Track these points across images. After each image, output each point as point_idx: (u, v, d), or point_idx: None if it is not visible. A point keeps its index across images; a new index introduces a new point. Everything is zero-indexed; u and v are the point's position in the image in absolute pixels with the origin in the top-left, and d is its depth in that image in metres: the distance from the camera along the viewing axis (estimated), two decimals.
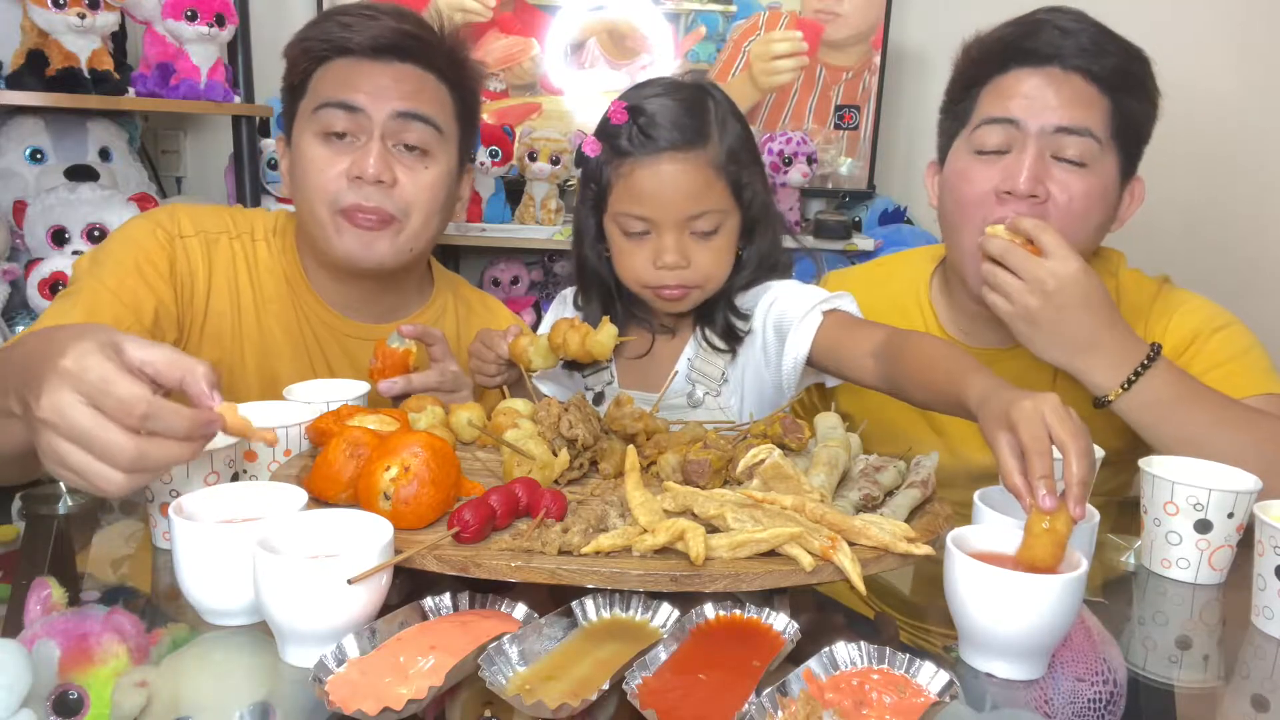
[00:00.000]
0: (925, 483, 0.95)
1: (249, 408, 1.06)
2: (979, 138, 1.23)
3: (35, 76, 2.12)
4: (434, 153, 1.28)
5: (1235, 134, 2.91)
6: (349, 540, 0.78)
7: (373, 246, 1.26)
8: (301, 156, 1.26)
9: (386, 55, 1.25)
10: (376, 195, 1.24)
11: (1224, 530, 0.97)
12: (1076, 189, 1.19)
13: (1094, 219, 1.22)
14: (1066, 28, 1.20)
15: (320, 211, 1.25)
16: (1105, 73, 1.19)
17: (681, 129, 1.22)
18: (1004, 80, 1.23)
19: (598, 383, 1.39)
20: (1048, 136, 1.19)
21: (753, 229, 1.30)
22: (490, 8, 2.88)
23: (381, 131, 1.24)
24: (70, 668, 0.66)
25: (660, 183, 1.22)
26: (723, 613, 0.77)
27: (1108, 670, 0.81)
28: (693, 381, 1.34)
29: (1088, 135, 1.18)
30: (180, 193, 2.86)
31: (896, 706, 0.67)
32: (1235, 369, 1.24)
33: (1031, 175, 1.18)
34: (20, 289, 2.13)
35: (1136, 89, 1.22)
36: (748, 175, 1.26)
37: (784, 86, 2.97)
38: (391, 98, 1.24)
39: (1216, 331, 1.28)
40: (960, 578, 0.77)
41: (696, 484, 0.95)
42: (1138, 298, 1.33)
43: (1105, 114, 1.20)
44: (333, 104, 1.23)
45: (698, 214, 1.23)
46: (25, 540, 0.99)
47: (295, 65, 1.29)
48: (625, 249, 1.27)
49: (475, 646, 0.70)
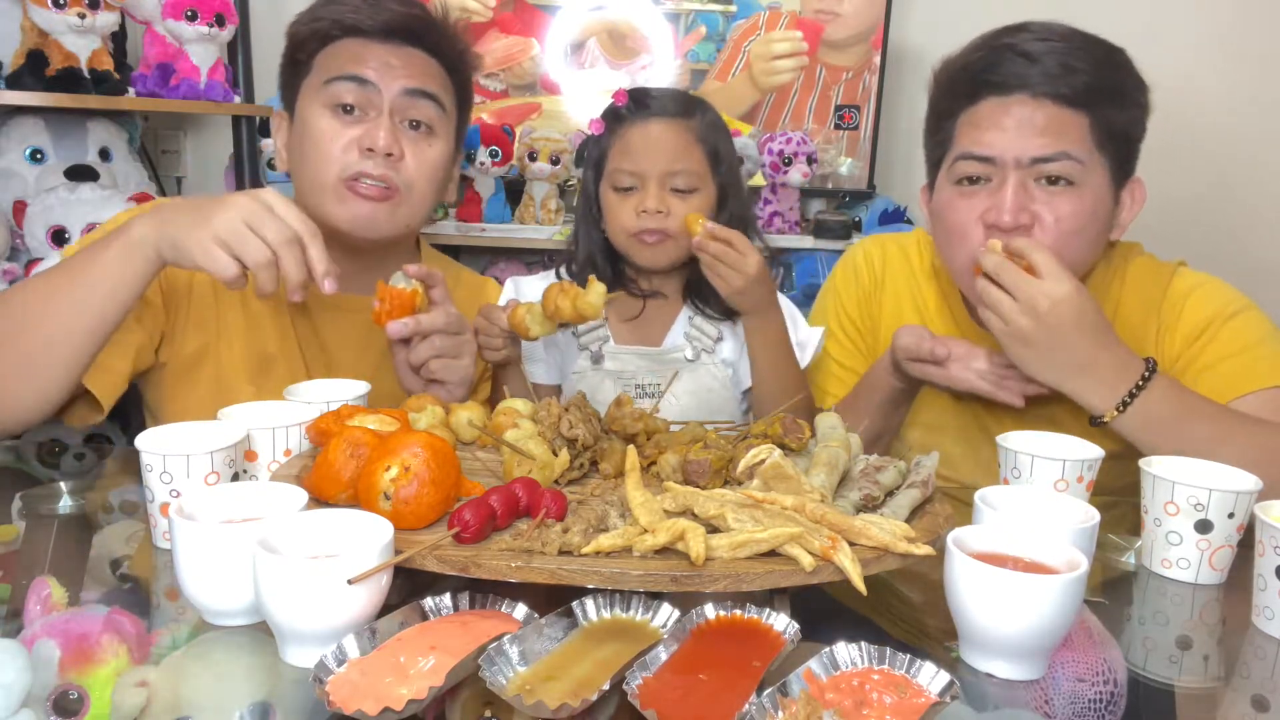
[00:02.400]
0: (925, 483, 0.95)
1: (249, 408, 1.06)
2: (958, 170, 1.23)
3: (35, 76, 2.12)
4: (437, 131, 1.34)
5: (1222, 129, 2.92)
6: (349, 540, 0.78)
7: (373, 217, 1.30)
8: (310, 128, 1.30)
9: (394, 38, 1.31)
10: (383, 166, 1.28)
11: (1224, 530, 0.97)
12: (1064, 209, 1.18)
13: (1087, 235, 1.21)
14: (1030, 52, 1.18)
15: (326, 179, 1.29)
16: (1077, 93, 1.17)
17: (673, 101, 1.47)
18: (977, 112, 1.22)
19: (593, 340, 1.53)
20: (1025, 168, 1.18)
21: (724, 200, 1.49)
22: (490, 8, 2.88)
23: (390, 107, 1.29)
24: (70, 668, 0.66)
25: (648, 140, 1.44)
26: (723, 613, 0.77)
27: (1108, 670, 0.81)
28: (689, 339, 1.52)
29: (1067, 158, 1.17)
30: (180, 193, 2.86)
31: (897, 706, 0.67)
32: (1249, 359, 1.22)
33: (1015, 207, 1.17)
34: None
35: (1115, 97, 1.19)
36: (723, 154, 1.47)
37: (784, 86, 2.97)
38: (400, 76, 1.29)
39: (1230, 320, 1.25)
40: (960, 578, 0.77)
41: (696, 484, 0.95)
42: (1150, 288, 1.31)
43: (1084, 130, 1.18)
44: (344, 77, 1.28)
45: (677, 170, 1.43)
46: (25, 540, 0.99)
47: (302, 43, 1.33)
48: (614, 203, 1.47)
49: (475, 646, 0.70)
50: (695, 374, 1.51)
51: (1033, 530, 0.83)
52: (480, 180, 2.71)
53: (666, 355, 1.52)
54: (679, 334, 1.53)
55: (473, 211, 2.72)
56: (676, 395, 1.48)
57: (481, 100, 2.94)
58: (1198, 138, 2.90)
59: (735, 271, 1.36)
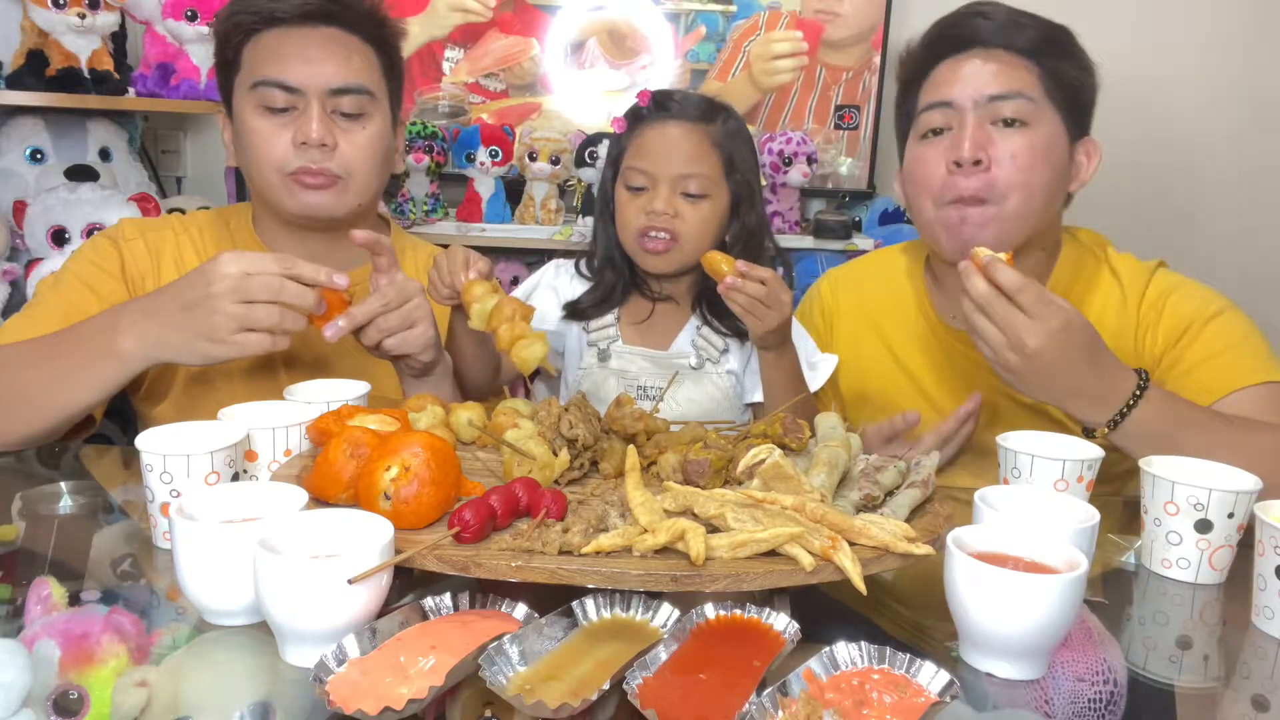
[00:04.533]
0: (925, 483, 0.95)
1: (248, 408, 1.06)
2: (922, 123, 1.32)
3: (35, 76, 2.12)
4: (369, 114, 1.35)
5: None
6: (349, 540, 0.78)
7: (322, 204, 1.34)
8: (245, 129, 1.33)
9: (313, 20, 1.32)
10: (320, 157, 1.31)
11: (1224, 530, 0.97)
12: (1019, 146, 1.25)
13: (1041, 174, 1.26)
14: (985, 13, 1.31)
15: (270, 177, 1.32)
16: (1027, 43, 1.27)
17: (695, 106, 1.45)
18: (937, 71, 1.33)
19: (601, 338, 1.54)
20: (983, 106, 1.26)
21: (738, 206, 1.48)
22: (490, 8, 2.87)
23: (319, 104, 1.31)
24: (70, 668, 0.66)
25: (664, 141, 1.44)
26: (723, 612, 0.77)
27: (1108, 670, 0.81)
28: (695, 347, 1.52)
29: (1020, 97, 1.25)
30: (180, 193, 2.85)
31: (897, 706, 0.67)
32: (1231, 359, 1.24)
33: (974, 143, 1.25)
34: (20, 289, 2.13)
35: (1063, 54, 1.28)
36: (741, 162, 1.46)
37: (784, 86, 2.97)
38: (324, 73, 1.31)
39: (1211, 320, 1.27)
40: (960, 578, 0.77)
41: (696, 484, 0.95)
42: (1129, 287, 1.34)
43: (1036, 77, 1.27)
44: (270, 83, 1.30)
45: (690, 174, 1.43)
46: (25, 540, 0.99)
47: (227, 40, 1.35)
48: (624, 202, 1.47)
49: (475, 646, 0.70)
50: (699, 382, 1.51)
51: (1033, 530, 0.83)
52: (480, 180, 2.71)
53: (671, 360, 1.52)
54: (685, 341, 1.54)
55: (473, 211, 2.72)
56: (677, 400, 1.48)
57: (482, 100, 2.94)
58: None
59: (772, 311, 1.31)
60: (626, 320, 1.55)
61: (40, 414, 1.16)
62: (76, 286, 1.31)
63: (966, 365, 1.38)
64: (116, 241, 1.37)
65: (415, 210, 2.64)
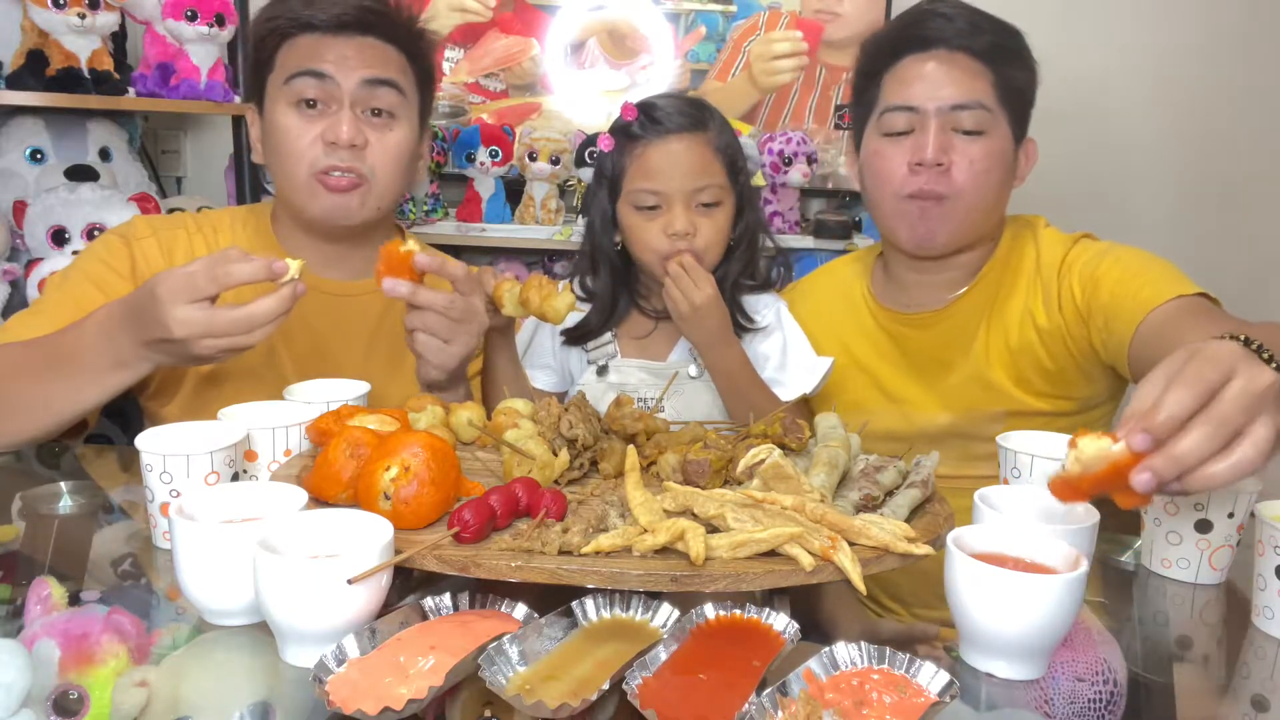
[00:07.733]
0: (925, 483, 0.95)
1: (248, 408, 1.06)
2: (886, 123, 1.40)
3: (35, 76, 2.12)
4: (399, 115, 1.37)
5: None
6: (349, 540, 0.78)
7: (345, 207, 1.34)
8: (276, 127, 1.34)
9: (349, 30, 1.34)
10: (349, 158, 1.32)
11: (1224, 530, 0.97)
12: (977, 154, 1.36)
13: (995, 177, 1.38)
14: (947, 14, 1.38)
15: (298, 175, 1.33)
16: (985, 48, 1.36)
17: (686, 115, 1.44)
18: (900, 68, 1.39)
19: (600, 355, 1.54)
20: (945, 114, 1.35)
21: (742, 209, 1.50)
22: (490, 8, 2.87)
23: (351, 99, 1.32)
24: (70, 668, 0.66)
25: (670, 159, 1.42)
26: (723, 612, 0.77)
27: (1108, 670, 0.81)
28: (693, 356, 1.52)
29: (979, 107, 1.35)
30: (180, 193, 2.86)
31: (896, 706, 0.67)
32: (1141, 282, 1.27)
33: (937, 147, 1.35)
34: (20, 289, 2.13)
35: (1014, 60, 1.39)
36: (739, 162, 1.49)
37: (784, 86, 2.97)
38: (357, 67, 1.32)
39: (1104, 254, 1.35)
40: (960, 578, 0.77)
41: (696, 484, 0.95)
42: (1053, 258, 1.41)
43: (990, 84, 1.36)
44: (304, 73, 1.31)
45: (702, 186, 1.43)
46: (25, 540, 0.99)
47: (263, 42, 1.37)
48: (638, 225, 1.45)
49: (475, 646, 0.70)
50: (698, 391, 1.51)
51: (1033, 530, 0.83)
52: (480, 180, 2.71)
53: (670, 370, 1.52)
54: (684, 350, 1.54)
55: (473, 211, 2.72)
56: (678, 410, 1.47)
57: (481, 100, 2.94)
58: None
59: (684, 296, 1.39)
60: (625, 335, 1.56)
61: (41, 417, 1.16)
62: (84, 285, 1.31)
63: (910, 345, 1.49)
64: (128, 240, 1.37)
65: (415, 210, 2.64)
